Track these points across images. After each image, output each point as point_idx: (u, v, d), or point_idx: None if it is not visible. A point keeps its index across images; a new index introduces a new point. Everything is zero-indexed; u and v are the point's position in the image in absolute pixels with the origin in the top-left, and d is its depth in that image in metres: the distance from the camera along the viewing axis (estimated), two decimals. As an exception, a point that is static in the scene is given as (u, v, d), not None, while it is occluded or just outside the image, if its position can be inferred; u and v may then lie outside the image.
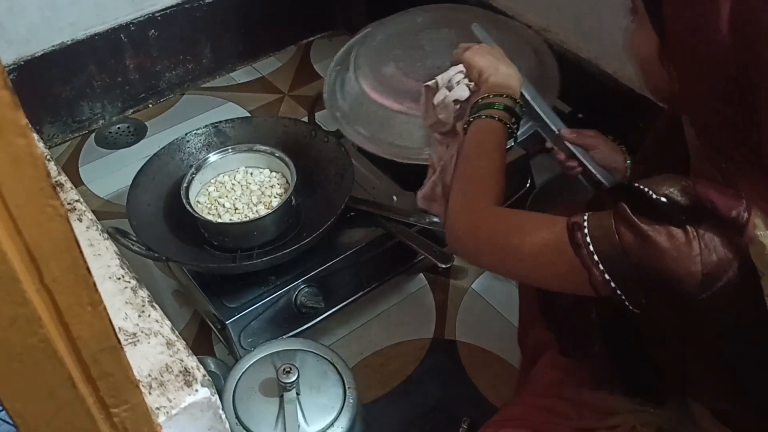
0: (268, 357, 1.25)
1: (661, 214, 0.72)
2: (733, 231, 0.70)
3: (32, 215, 0.41)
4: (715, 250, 0.71)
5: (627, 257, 0.73)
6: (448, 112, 1.03)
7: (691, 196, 0.72)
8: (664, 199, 0.72)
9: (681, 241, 0.71)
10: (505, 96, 0.98)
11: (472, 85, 1.02)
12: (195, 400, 0.78)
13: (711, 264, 0.70)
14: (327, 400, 1.20)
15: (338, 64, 1.41)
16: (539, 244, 0.82)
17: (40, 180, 0.41)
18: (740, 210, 0.70)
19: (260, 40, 2.14)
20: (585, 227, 0.77)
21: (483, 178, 0.93)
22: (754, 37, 0.68)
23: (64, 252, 0.44)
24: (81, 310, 0.47)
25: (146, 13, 1.90)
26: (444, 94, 1.02)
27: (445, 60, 1.20)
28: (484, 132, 0.97)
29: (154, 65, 1.98)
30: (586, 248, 0.76)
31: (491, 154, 0.95)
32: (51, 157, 1.11)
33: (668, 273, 0.71)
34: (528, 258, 0.83)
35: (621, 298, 0.76)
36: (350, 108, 1.32)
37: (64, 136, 1.94)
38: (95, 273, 0.47)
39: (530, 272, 0.86)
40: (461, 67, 1.03)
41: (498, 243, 0.86)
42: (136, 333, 0.83)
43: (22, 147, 0.39)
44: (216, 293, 1.35)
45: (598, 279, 0.76)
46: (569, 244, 0.78)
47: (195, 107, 2.02)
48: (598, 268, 0.76)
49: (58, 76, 1.84)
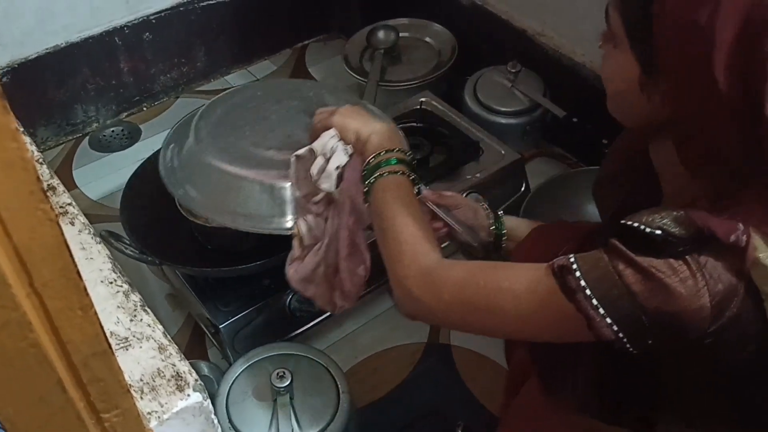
0: (262, 361, 1.25)
1: (657, 248, 0.70)
2: (734, 256, 0.68)
3: (22, 219, 0.41)
4: (719, 278, 0.68)
5: (631, 297, 0.70)
6: (331, 181, 0.98)
7: (686, 225, 0.70)
8: (660, 231, 0.70)
9: (685, 274, 0.68)
10: (396, 150, 0.94)
11: (350, 148, 0.98)
12: (187, 405, 0.77)
13: (718, 293, 0.68)
14: (321, 404, 1.20)
15: (175, 136, 1.32)
16: (522, 297, 0.77)
17: (31, 183, 0.40)
18: (738, 234, 0.68)
19: (255, 44, 2.13)
20: (576, 270, 0.73)
21: (415, 234, 0.88)
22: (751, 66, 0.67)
23: (54, 256, 0.43)
24: (71, 315, 0.46)
25: (141, 16, 1.89)
26: (322, 162, 0.98)
27: (293, 128, 1.19)
28: (393, 189, 0.92)
29: (149, 68, 1.98)
30: (582, 292, 0.72)
31: (410, 208, 0.91)
32: (43, 160, 1.11)
33: (676, 309, 0.69)
34: (511, 313, 0.78)
35: (623, 341, 0.72)
36: (191, 178, 1.23)
37: (58, 139, 1.93)
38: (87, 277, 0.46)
39: (516, 327, 0.80)
40: (333, 131, 0.99)
41: (471, 301, 0.80)
42: (127, 337, 0.83)
43: (13, 150, 0.39)
44: (209, 297, 1.35)
45: (598, 324, 0.71)
46: (560, 291, 0.74)
47: (189, 111, 2.00)
48: (598, 312, 0.71)
49: (53, 79, 1.84)
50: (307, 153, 1.00)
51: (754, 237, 0.69)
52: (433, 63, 1.86)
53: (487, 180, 1.51)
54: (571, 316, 0.73)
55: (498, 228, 1.08)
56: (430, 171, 1.52)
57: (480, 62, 1.81)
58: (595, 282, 0.72)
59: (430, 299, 0.84)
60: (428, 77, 1.81)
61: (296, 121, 1.22)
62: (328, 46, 2.21)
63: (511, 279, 0.79)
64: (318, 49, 2.21)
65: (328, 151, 0.98)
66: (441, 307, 0.83)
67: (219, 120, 1.26)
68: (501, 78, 1.74)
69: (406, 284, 0.85)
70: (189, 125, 1.26)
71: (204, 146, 1.21)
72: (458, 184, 1.49)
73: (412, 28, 1.94)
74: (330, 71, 2.11)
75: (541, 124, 1.75)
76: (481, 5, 1.82)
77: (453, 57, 1.84)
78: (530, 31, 1.74)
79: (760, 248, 0.69)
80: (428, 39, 1.93)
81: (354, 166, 0.97)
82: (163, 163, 1.27)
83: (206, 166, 1.19)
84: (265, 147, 1.18)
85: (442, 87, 1.83)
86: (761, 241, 0.69)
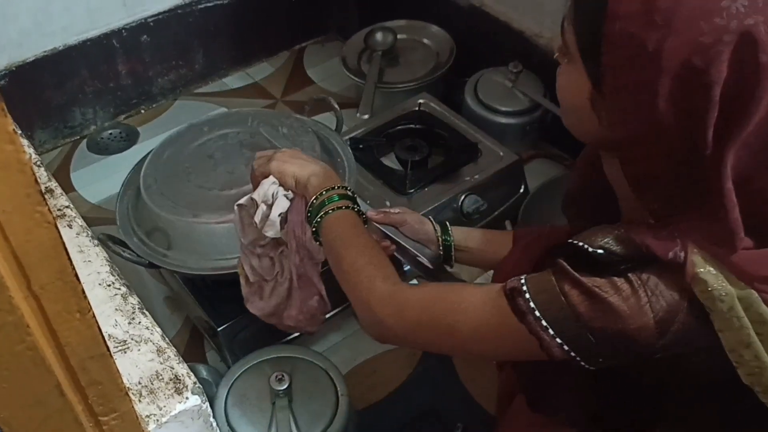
0: (260, 364, 1.25)
1: (601, 266, 0.71)
2: (674, 273, 0.70)
3: (20, 221, 0.41)
4: (661, 294, 0.70)
5: (577, 318, 0.71)
6: (275, 228, 1.00)
7: (626, 243, 0.71)
8: (601, 251, 0.71)
9: (627, 293, 0.70)
10: (336, 188, 0.95)
11: (290, 194, 1.00)
12: (185, 408, 0.77)
13: (661, 310, 0.69)
14: (319, 407, 1.20)
15: (127, 188, 1.40)
16: (478, 318, 0.78)
17: (28, 186, 0.40)
18: (676, 250, 0.69)
19: (253, 46, 2.13)
20: (525, 292, 0.74)
21: (371, 263, 0.89)
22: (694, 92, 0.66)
23: (52, 258, 0.43)
24: (69, 317, 0.46)
25: (139, 18, 1.89)
26: (263, 210, 1.00)
27: (235, 164, 1.32)
28: (341, 224, 0.94)
29: (147, 71, 1.98)
30: (532, 314, 0.74)
31: (361, 238, 0.92)
32: (41, 163, 1.11)
33: (621, 327, 0.70)
34: (469, 333, 0.79)
35: (576, 359, 0.74)
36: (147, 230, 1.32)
37: (56, 142, 1.93)
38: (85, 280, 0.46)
39: (474, 347, 0.81)
40: (272, 179, 1.00)
41: (431, 323, 0.82)
42: (126, 340, 0.83)
43: (10, 153, 0.39)
44: (208, 300, 1.35)
45: (549, 344, 0.73)
46: (512, 313, 0.75)
47: (187, 113, 2.01)
48: (548, 333, 0.73)
49: (50, 81, 1.84)
50: (249, 201, 1.02)
51: (693, 254, 0.69)
52: (431, 65, 1.86)
53: (486, 181, 1.51)
54: (524, 336, 0.74)
55: (446, 239, 1.08)
56: (429, 173, 1.52)
57: (478, 64, 1.81)
58: (544, 304, 0.73)
59: (393, 321, 0.84)
60: (426, 79, 1.81)
61: (238, 155, 1.34)
62: (326, 47, 2.21)
63: (467, 300, 0.80)
64: (316, 50, 2.21)
65: (270, 197, 1.00)
66: (404, 327, 0.84)
67: (166, 165, 1.35)
68: (502, 78, 1.74)
69: (369, 307, 0.86)
70: (139, 173, 1.36)
71: (152, 195, 1.31)
72: (456, 185, 1.49)
73: (409, 29, 1.94)
74: (328, 73, 2.11)
75: (541, 125, 1.75)
76: (478, 7, 1.82)
77: (451, 58, 1.84)
78: (528, 32, 1.74)
79: (698, 264, 0.69)
80: (426, 41, 1.93)
81: (297, 209, 1.00)
82: (119, 212, 1.36)
83: (156, 216, 1.29)
84: (208, 188, 1.29)
85: (440, 88, 1.83)
86: (700, 257, 0.69)
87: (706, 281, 0.69)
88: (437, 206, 1.45)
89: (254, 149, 1.31)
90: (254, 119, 1.41)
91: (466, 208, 1.47)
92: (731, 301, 0.69)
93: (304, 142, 1.35)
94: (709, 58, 0.65)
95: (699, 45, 0.65)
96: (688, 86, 0.66)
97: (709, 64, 0.65)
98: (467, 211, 1.47)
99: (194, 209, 1.26)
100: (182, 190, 1.30)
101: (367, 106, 1.71)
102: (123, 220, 1.35)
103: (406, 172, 1.51)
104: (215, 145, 1.38)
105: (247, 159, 1.31)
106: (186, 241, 1.27)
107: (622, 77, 0.70)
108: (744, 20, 0.64)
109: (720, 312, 0.69)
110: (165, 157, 1.37)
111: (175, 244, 1.28)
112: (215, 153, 1.36)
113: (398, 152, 1.56)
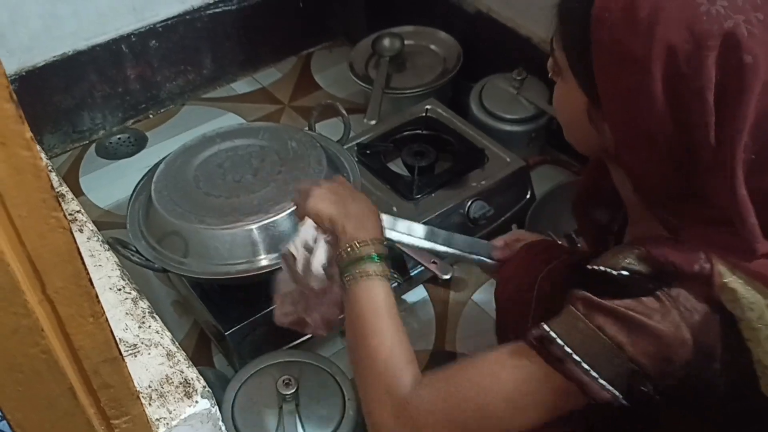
0: (268, 368, 1.25)
1: (628, 289, 0.69)
2: (701, 284, 0.68)
3: (35, 226, 0.41)
4: (694, 308, 0.68)
5: (619, 350, 0.68)
6: (320, 280, 0.95)
7: (649, 261, 0.69)
8: (626, 272, 0.69)
9: (660, 311, 0.68)
10: (370, 242, 0.90)
11: (329, 237, 0.95)
12: (195, 412, 0.78)
13: (696, 324, 0.68)
14: (326, 411, 1.20)
15: (139, 194, 1.43)
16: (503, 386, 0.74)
17: (44, 191, 0.41)
18: (701, 262, 0.68)
19: (261, 51, 2.14)
20: (555, 338, 0.71)
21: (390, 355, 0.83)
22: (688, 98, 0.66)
23: (66, 263, 0.44)
24: (83, 321, 0.47)
25: (147, 23, 1.90)
26: (304, 260, 0.95)
27: (244, 173, 1.35)
28: (368, 299, 0.87)
29: (155, 75, 1.99)
30: (569, 359, 0.70)
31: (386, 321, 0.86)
32: (52, 167, 1.12)
33: (661, 347, 0.68)
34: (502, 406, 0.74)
35: (618, 398, 0.70)
36: (157, 235, 1.34)
37: (65, 146, 1.94)
38: (96, 284, 0.47)
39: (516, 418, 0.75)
40: (310, 222, 0.95)
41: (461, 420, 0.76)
42: (136, 344, 0.83)
43: (26, 159, 0.39)
44: (215, 304, 1.35)
45: (593, 388, 0.70)
46: (546, 364, 0.71)
47: (195, 118, 2.02)
48: (590, 375, 0.69)
49: (59, 86, 1.85)
50: (291, 250, 0.97)
51: (718, 264, 0.68)
52: (439, 70, 1.86)
53: (492, 187, 1.51)
54: (562, 388, 0.71)
55: None
56: (436, 178, 1.52)
57: (485, 69, 1.82)
58: (581, 345, 0.70)
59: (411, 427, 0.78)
60: (433, 84, 1.81)
61: (246, 165, 1.38)
62: (334, 53, 2.22)
63: (492, 375, 0.75)
64: (323, 56, 2.22)
65: (311, 240, 0.95)
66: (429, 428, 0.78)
67: (177, 173, 1.39)
68: (506, 85, 1.74)
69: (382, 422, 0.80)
70: (151, 180, 1.39)
71: (162, 201, 1.33)
72: (463, 191, 1.49)
73: (417, 35, 1.95)
74: (335, 78, 2.11)
75: (547, 132, 1.75)
76: (486, 13, 1.83)
77: (458, 64, 1.84)
78: (535, 38, 1.75)
79: (725, 274, 0.68)
80: (433, 46, 1.93)
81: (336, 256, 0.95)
82: (130, 216, 1.39)
83: (165, 221, 1.31)
84: (216, 195, 1.33)
85: (448, 94, 1.83)
86: (725, 267, 0.68)
87: (735, 290, 0.67)
88: (444, 212, 1.46)
89: (262, 160, 1.36)
90: (264, 132, 1.45)
91: (473, 213, 1.48)
92: (761, 309, 0.67)
93: (312, 156, 1.38)
94: (696, 64, 0.65)
95: (683, 51, 0.65)
96: (680, 92, 0.66)
97: (697, 70, 0.65)
98: (474, 216, 1.48)
99: (201, 215, 1.29)
100: (190, 196, 1.34)
101: (374, 112, 1.72)
102: (133, 225, 1.37)
103: (413, 178, 1.52)
104: (225, 156, 1.42)
105: (254, 169, 1.37)
106: (194, 246, 1.29)
107: (615, 84, 0.69)
108: (724, 22, 0.64)
109: (749, 321, 0.68)
110: (177, 165, 1.41)
111: (184, 248, 1.30)
112: (224, 162, 1.40)
113: (405, 158, 1.56)
